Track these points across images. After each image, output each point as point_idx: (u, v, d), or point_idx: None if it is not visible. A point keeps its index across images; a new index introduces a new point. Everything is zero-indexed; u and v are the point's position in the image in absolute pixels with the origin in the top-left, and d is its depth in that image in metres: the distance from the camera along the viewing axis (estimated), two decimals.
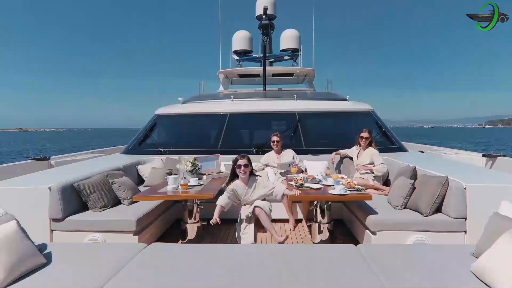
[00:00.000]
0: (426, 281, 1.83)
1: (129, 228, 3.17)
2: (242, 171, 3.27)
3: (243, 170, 3.27)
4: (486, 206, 2.74)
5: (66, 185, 3.23)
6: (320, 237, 3.44)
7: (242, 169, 3.27)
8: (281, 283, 1.86)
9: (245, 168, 3.28)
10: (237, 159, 3.29)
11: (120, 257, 2.20)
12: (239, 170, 3.28)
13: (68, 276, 1.94)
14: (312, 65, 9.86)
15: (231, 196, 3.33)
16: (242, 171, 3.27)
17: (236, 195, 3.36)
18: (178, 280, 1.89)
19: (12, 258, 1.87)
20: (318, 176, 3.80)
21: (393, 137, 5.99)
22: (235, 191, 3.34)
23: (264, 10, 9.37)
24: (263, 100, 6.83)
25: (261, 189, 3.38)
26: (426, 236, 3.03)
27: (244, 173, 3.29)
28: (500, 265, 1.68)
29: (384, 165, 4.29)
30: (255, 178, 3.44)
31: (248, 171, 3.31)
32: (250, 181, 3.39)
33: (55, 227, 3.19)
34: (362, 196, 3.16)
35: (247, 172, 3.31)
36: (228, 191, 3.33)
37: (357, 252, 2.25)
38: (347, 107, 6.48)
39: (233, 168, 3.34)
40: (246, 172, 3.30)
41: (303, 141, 5.63)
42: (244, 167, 3.27)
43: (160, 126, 6.57)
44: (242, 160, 3.28)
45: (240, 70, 9.76)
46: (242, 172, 3.28)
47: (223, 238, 3.88)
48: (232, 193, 3.33)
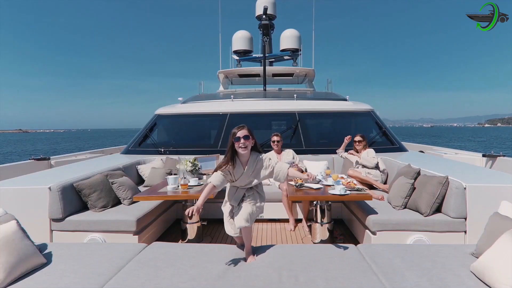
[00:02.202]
0: (426, 281, 1.83)
1: (129, 228, 3.17)
2: (241, 144, 2.41)
3: (243, 143, 2.41)
4: (486, 206, 2.75)
5: (66, 185, 3.23)
6: (320, 237, 3.44)
7: (242, 142, 2.40)
8: (281, 283, 1.86)
9: (246, 141, 2.41)
10: (235, 131, 2.46)
11: (120, 257, 2.20)
12: (238, 144, 2.42)
13: (68, 276, 1.94)
14: (312, 65, 9.88)
15: (226, 174, 2.53)
16: (242, 145, 2.41)
17: (232, 175, 2.54)
18: (178, 280, 1.90)
19: (12, 258, 1.87)
20: (318, 176, 3.81)
21: (393, 137, 5.99)
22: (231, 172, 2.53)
23: (264, 10, 9.37)
24: (263, 100, 6.83)
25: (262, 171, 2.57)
26: (426, 236, 3.03)
27: (244, 147, 2.42)
28: (500, 265, 1.68)
29: (374, 158, 4.39)
30: (259, 156, 2.55)
31: (249, 144, 2.46)
32: (252, 159, 2.52)
33: (55, 227, 3.19)
34: (362, 196, 3.16)
35: (248, 146, 2.44)
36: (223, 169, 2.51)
37: (357, 252, 2.26)
38: (347, 107, 6.48)
39: (231, 144, 2.47)
40: (247, 146, 2.44)
41: (303, 141, 5.63)
42: (245, 140, 2.41)
43: (160, 126, 6.58)
44: (241, 130, 2.43)
45: (240, 70, 9.76)
46: (242, 146, 2.41)
47: (223, 238, 3.88)
48: (228, 172, 2.52)
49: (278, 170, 2.50)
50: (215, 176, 2.49)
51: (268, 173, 2.53)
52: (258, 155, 2.54)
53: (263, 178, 2.57)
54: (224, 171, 2.49)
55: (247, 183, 2.54)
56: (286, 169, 2.49)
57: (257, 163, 2.51)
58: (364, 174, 4.28)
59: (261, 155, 2.56)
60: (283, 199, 4.20)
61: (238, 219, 2.44)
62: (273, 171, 2.51)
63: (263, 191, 2.70)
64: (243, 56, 10.33)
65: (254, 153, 2.52)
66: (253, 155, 2.51)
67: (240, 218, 2.44)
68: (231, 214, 2.57)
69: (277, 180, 2.54)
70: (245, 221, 2.40)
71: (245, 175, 2.49)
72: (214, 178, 2.47)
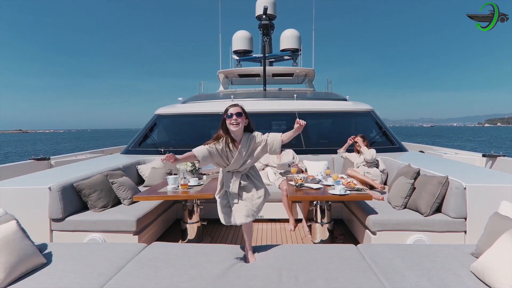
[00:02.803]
0: (426, 281, 1.83)
1: (129, 228, 3.17)
2: (233, 121, 2.30)
3: (235, 119, 2.30)
4: (486, 206, 2.75)
5: (66, 185, 3.23)
6: (320, 237, 3.44)
7: (234, 119, 2.30)
8: (281, 283, 1.86)
9: (238, 118, 2.30)
10: (228, 107, 2.37)
11: (120, 257, 2.20)
12: (230, 121, 2.31)
13: (68, 276, 1.94)
14: (312, 65, 9.88)
15: (214, 152, 2.33)
16: (234, 121, 2.30)
17: (222, 157, 2.37)
18: (178, 280, 1.90)
19: (12, 258, 1.87)
20: (318, 176, 3.81)
21: (393, 137, 5.99)
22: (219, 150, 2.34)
23: (264, 10, 9.37)
24: (263, 100, 6.83)
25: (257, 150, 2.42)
26: (426, 236, 3.03)
27: (236, 124, 2.30)
28: (500, 265, 1.68)
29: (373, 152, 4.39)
30: (252, 135, 2.41)
31: (241, 122, 2.33)
32: (244, 138, 2.38)
33: (55, 227, 3.19)
34: (362, 196, 3.16)
35: (240, 124, 2.31)
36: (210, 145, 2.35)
37: (357, 252, 2.26)
38: (347, 107, 6.48)
39: (223, 121, 2.36)
40: (240, 123, 2.31)
41: (303, 141, 5.63)
42: (237, 116, 2.30)
43: (160, 126, 6.58)
44: (235, 107, 2.34)
45: (240, 70, 9.76)
46: (234, 122, 2.30)
47: (223, 238, 3.88)
48: (217, 153, 2.34)
49: (271, 141, 2.37)
50: (199, 148, 2.33)
51: (262, 147, 2.39)
52: (251, 134, 2.41)
53: (259, 155, 2.43)
54: (211, 148, 2.33)
55: (241, 164, 2.39)
56: (279, 137, 2.37)
57: (250, 142, 2.38)
58: (363, 173, 4.28)
59: (254, 133, 2.42)
60: (283, 199, 4.20)
61: (238, 215, 2.36)
62: (267, 144, 2.38)
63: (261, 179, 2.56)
64: (243, 56, 10.32)
65: (247, 133, 2.41)
66: (246, 134, 2.40)
67: (240, 214, 2.35)
68: (226, 203, 2.44)
69: (273, 152, 2.41)
70: (245, 217, 2.33)
71: (238, 155, 2.35)
72: (197, 149, 2.33)
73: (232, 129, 2.31)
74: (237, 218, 2.35)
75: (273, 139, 2.38)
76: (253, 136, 2.40)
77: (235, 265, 2.10)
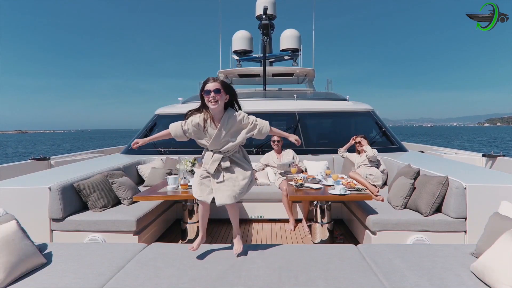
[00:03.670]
0: (426, 281, 1.83)
1: (129, 228, 3.17)
2: (211, 98, 2.10)
3: (213, 97, 2.10)
4: (486, 206, 2.75)
5: (66, 185, 3.23)
6: (320, 237, 3.44)
7: (212, 96, 2.10)
8: (281, 283, 1.86)
9: (216, 95, 2.10)
10: (205, 82, 2.16)
11: (120, 257, 2.20)
12: (207, 98, 2.12)
13: (68, 276, 1.94)
14: (312, 65, 9.88)
15: (189, 129, 2.22)
16: (212, 99, 2.10)
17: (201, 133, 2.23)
18: (178, 280, 1.90)
19: (12, 258, 1.87)
20: (318, 176, 3.81)
21: (393, 137, 5.99)
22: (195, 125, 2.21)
23: (264, 10, 9.38)
24: (263, 100, 6.83)
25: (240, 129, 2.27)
26: (426, 236, 3.03)
27: (215, 102, 2.11)
28: (500, 265, 1.68)
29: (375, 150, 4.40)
30: (233, 113, 2.24)
31: (220, 99, 2.13)
32: (225, 116, 2.21)
33: (55, 227, 3.19)
34: (362, 196, 3.16)
35: (218, 101, 2.12)
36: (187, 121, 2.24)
37: (357, 252, 2.26)
38: (347, 107, 6.48)
39: (201, 97, 2.19)
40: (218, 100, 2.11)
41: (303, 141, 5.63)
42: (215, 93, 2.10)
43: (160, 126, 6.57)
44: (213, 83, 2.13)
45: (240, 70, 9.77)
46: (211, 100, 2.11)
47: (223, 238, 3.88)
48: (194, 128, 2.21)
49: (262, 125, 2.28)
50: (174, 124, 2.26)
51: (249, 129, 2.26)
52: (234, 112, 2.24)
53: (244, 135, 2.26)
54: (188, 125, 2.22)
55: (222, 144, 2.23)
56: (268, 124, 2.30)
57: (232, 120, 2.21)
58: (365, 175, 4.26)
59: (235, 112, 2.25)
60: (283, 199, 4.20)
61: (219, 196, 2.18)
62: (256, 125, 2.26)
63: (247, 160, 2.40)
64: (243, 56, 10.33)
65: (230, 110, 2.24)
66: (228, 112, 2.22)
67: (221, 195, 2.18)
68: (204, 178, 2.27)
69: (262, 134, 2.29)
70: (227, 198, 2.17)
71: (218, 133, 2.18)
72: (172, 125, 2.26)
73: (211, 106, 2.13)
74: (218, 198, 2.19)
75: (263, 123, 2.29)
76: (235, 115, 2.23)
77: (235, 265, 2.10)
